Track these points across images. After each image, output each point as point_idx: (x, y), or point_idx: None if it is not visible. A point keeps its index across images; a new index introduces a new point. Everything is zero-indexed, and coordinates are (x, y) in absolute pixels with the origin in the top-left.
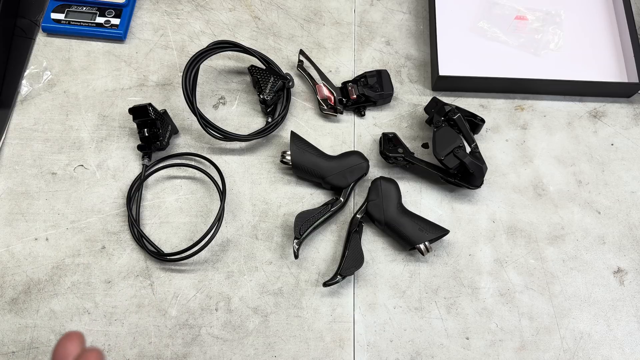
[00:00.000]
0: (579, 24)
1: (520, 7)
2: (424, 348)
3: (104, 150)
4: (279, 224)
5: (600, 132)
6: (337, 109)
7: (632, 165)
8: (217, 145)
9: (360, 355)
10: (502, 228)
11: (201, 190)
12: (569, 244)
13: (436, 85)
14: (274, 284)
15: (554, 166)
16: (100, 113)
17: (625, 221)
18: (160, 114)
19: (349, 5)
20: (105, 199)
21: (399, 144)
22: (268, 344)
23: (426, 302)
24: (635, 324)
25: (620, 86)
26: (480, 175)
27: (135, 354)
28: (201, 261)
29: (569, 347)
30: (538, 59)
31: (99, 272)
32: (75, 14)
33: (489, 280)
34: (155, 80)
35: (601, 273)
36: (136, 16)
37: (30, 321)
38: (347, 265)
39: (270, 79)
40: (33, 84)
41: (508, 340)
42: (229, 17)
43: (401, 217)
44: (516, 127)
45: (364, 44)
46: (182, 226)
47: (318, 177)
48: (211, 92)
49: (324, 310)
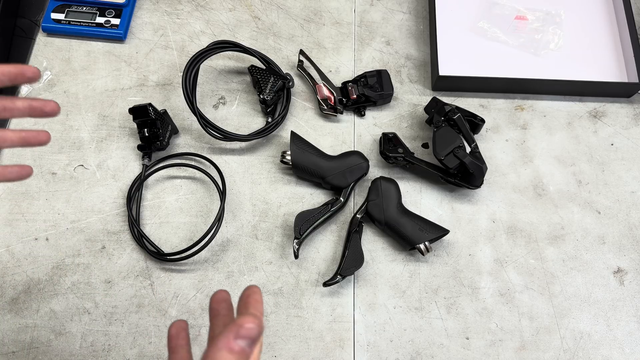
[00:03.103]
0: (579, 24)
1: (520, 7)
2: (424, 348)
3: (104, 150)
4: (279, 224)
5: (600, 132)
6: (337, 109)
7: (632, 165)
8: (217, 145)
9: (360, 355)
10: (502, 228)
11: (201, 190)
12: (569, 244)
13: (436, 85)
14: (274, 284)
15: (554, 166)
16: (100, 113)
17: (625, 221)
18: (160, 114)
19: (349, 5)
20: (105, 199)
21: (399, 144)
22: (268, 344)
23: (426, 302)
24: (635, 324)
25: (620, 86)
26: (480, 175)
27: (135, 354)
28: (201, 261)
29: (569, 347)
30: (538, 59)
31: (99, 272)
32: (75, 14)
33: (489, 280)
34: (155, 80)
35: (601, 273)
36: (136, 16)
37: (30, 321)
38: (347, 265)
39: (270, 79)
40: (33, 84)
41: (508, 340)
42: (229, 17)
43: (401, 217)
44: (516, 127)
45: (364, 44)
46: (182, 226)
47: (318, 177)
48: (211, 92)
49: (324, 310)
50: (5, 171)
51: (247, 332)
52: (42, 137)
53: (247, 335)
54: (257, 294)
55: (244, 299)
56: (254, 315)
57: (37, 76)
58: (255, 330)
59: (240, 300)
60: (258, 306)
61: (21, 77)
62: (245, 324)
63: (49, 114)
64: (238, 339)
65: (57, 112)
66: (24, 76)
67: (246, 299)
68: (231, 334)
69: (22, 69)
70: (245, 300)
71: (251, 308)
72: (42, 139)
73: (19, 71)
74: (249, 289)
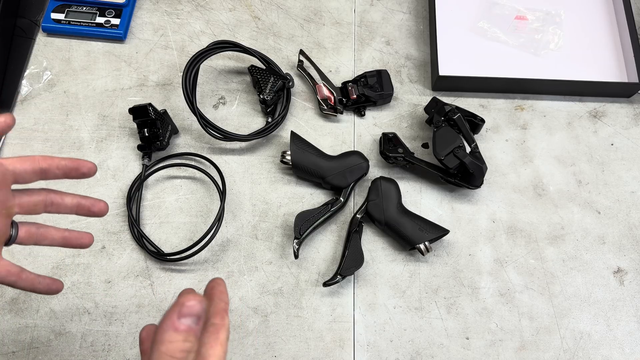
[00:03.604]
0: (579, 24)
1: (520, 7)
2: (424, 348)
3: (104, 150)
4: (279, 224)
5: (600, 132)
6: (337, 109)
7: (632, 165)
8: (217, 145)
9: (360, 355)
10: (502, 228)
11: (201, 190)
12: (569, 244)
13: (436, 85)
14: (274, 284)
15: (554, 166)
16: (100, 113)
17: (625, 221)
18: (160, 114)
19: (349, 5)
20: (105, 199)
21: (399, 144)
22: (268, 344)
23: (426, 302)
24: (635, 324)
25: (620, 86)
26: (480, 175)
27: (135, 354)
28: (201, 261)
29: (569, 347)
30: (538, 59)
31: (99, 272)
32: (75, 14)
33: (489, 280)
34: (155, 80)
35: (601, 273)
36: (136, 16)
37: (30, 321)
38: (347, 265)
39: (270, 79)
40: (33, 84)
41: (508, 340)
42: (229, 17)
43: (401, 217)
44: (516, 127)
45: (364, 44)
46: (182, 226)
47: (318, 177)
48: (211, 92)
49: (324, 310)
50: (35, 281)
51: (189, 310)
52: (84, 239)
53: (190, 313)
54: (221, 286)
55: (208, 292)
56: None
57: (92, 172)
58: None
59: (205, 293)
60: (223, 297)
61: (75, 172)
62: (186, 302)
63: (96, 213)
64: (181, 317)
65: (104, 213)
66: (78, 171)
67: (210, 291)
68: (174, 314)
69: (78, 164)
70: (210, 292)
71: (216, 299)
72: (85, 242)
73: (74, 166)
74: (212, 282)
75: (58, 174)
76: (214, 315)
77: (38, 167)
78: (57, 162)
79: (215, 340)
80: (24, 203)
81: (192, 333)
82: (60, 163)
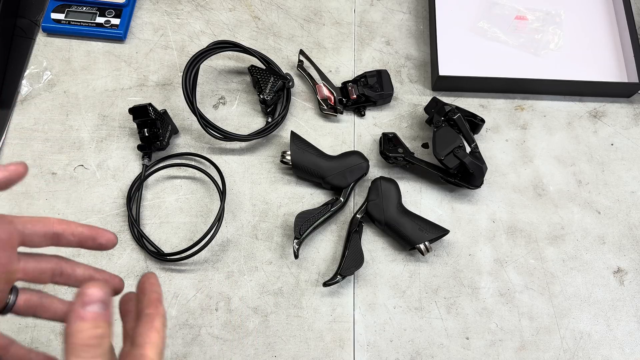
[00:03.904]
0: (579, 24)
1: (520, 7)
2: (424, 348)
3: (104, 150)
4: (279, 224)
5: (600, 132)
6: (337, 109)
7: (632, 165)
8: (217, 145)
9: (360, 355)
10: (502, 228)
11: (201, 190)
12: (569, 244)
13: (436, 85)
14: (274, 284)
15: (554, 166)
16: (100, 113)
17: (625, 221)
18: (160, 114)
19: (349, 5)
20: (105, 199)
21: (399, 144)
22: (268, 344)
23: (426, 302)
24: (635, 324)
25: (620, 86)
26: (480, 175)
27: None
28: (201, 261)
29: (569, 347)
30: (538, 59)
31: None
32: (75, 14)
33: (489, 280)
34: (155, 80)
35: (601, 273)
36: (136, 16)
37: (30, 321)
38: (347, 265)
39: (270, 79)
40: (33, 84)
41: (508, 340)
42: (229, 17)
43: (401, 217)
44: (516, 127)
45: (364, 44)
46: (182, 226)
47: (318, 177)
48: (211, 92)
49: (324, 310)
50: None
51: (91, 298)
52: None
53: (92, 300)
54: (152, 278)
55: (140, 286)
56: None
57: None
58: (99, 293)
59: (138, 288)
60: (154, 288)
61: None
62: (86, 291)
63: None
64: (86, 306)
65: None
66: (95, 242)
67: (142, 285)
68: (78, 305)
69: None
70: (142, 286)
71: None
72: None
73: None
74: (143, 276)
75: (72, 241)
76: (147, 306)
77: (51, 231)
78: (73, 228)
79: (150, 328)
80: (29, 269)
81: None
82: (77, 230)
